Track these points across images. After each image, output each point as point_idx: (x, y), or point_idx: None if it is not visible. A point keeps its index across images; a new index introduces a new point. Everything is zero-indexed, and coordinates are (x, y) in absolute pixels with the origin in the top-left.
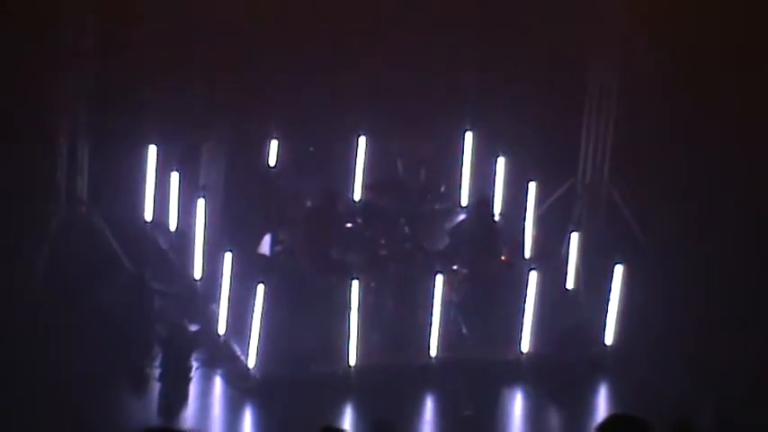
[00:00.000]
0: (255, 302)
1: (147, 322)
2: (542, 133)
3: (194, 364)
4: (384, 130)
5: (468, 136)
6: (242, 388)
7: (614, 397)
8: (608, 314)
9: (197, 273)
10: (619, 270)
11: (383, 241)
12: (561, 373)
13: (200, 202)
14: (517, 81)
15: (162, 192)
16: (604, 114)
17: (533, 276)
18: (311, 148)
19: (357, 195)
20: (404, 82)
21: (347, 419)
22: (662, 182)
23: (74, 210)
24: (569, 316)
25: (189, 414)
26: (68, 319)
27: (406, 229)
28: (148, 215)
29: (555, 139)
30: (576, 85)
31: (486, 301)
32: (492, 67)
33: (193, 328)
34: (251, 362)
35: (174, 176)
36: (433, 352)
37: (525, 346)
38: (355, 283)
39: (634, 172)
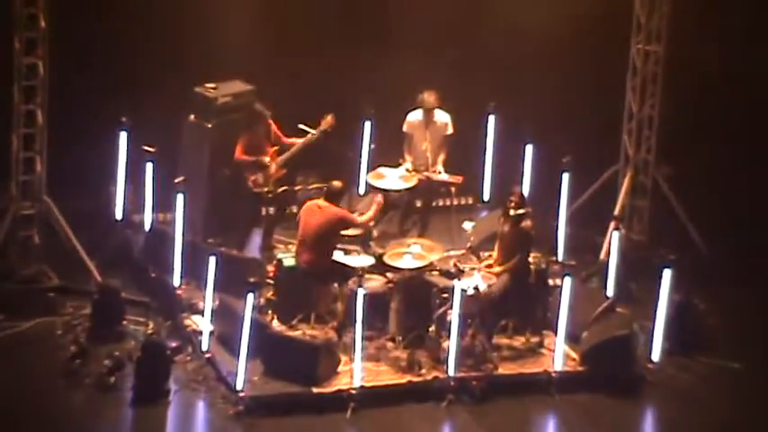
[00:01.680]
0: (245, 313)
1: (118, 337)
2: (578, 115)
3: (173, 387)
4: (392, 116)
5: (492, 119)
6: (229, 414)
7: (661, 422)
8: (655, 325)
9: (176, 279)
10: (668, 274)
11: (392, 241)
12: (600, 395)
13: (180, 198)
14: (547, 56)
15: (134, 185)
16: (650, 92)
17: (568, 282)
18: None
19: (362, 187)
20: (417, 60)
21: None
22: (719, 170)
23: (31, 206)
24: (610, 328)
25: None
26: (24, 333)
27: (420, 226)
28: (119, 212)
29: (593, 121)
30: (618, 59)
31: (512, 311)
32: (518, 40)
33: (172, 344)
34: (239, 383)
35: (149, 167)
36: (452, 370)
37: (558, 363)
38: (361, 291)
39: (686, 159)
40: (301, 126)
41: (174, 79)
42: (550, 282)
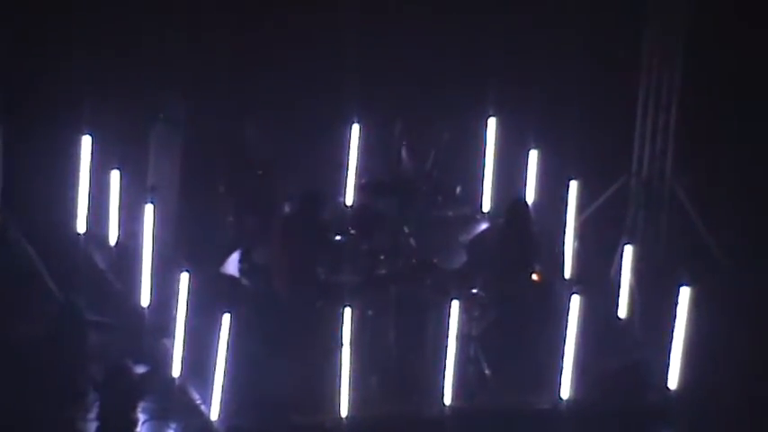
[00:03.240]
0: (219, 337)
1: (81, 363)
2: (586, 117)
3: (141, 417)
4: (383, 116)
5: (492, 122)
6: None
7: None
8: (671, 350)
9: (144, 299)
10: (685, 293)
11: (383, 257)
12: (611, 426)
13: (149, 209)
14: (553, 53)
15: (98, 195)
16: (666, 92)
17: (576, 302)
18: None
19: (349, 198)
20: (410, 55)
21: None
22: (741, 179)
23: None
24: (622, 352)
25: None
26: None
27: (412, 241)
28: (81, 225)
29: (602, 124)
30: (630, 56)
31: (514, 335)
32: (522, 35)
33: (140, 369)
34: (214, 412)
35: (115, 175)
36: (447, 400)
37: (566, 391)
38: (347, 312)
39: (705, 166)
40: None
41: (147, 81)
42: (556, 301)
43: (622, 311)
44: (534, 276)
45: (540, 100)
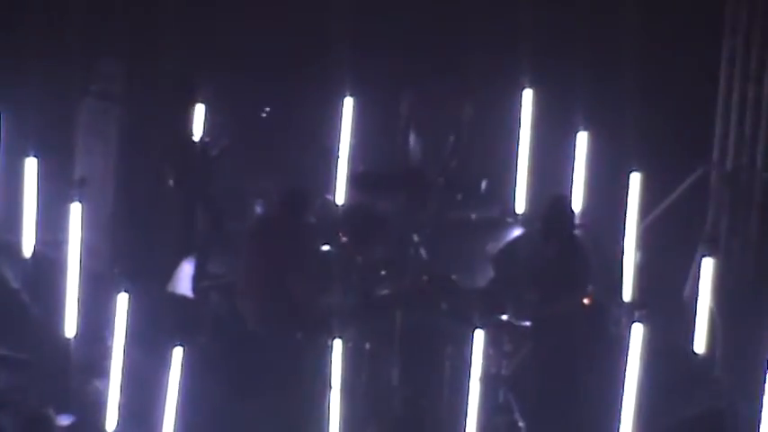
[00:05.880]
0: (169, 377)
1: None
2: (652, 94)
3: None
4: (385, 88)
5: (528, 96)
6: None
7: None
8: (763, 395)
9: (69, 328)
10: None
11: (384, 272)
12: None
13: (75, 208)
14: (609, 5)
15: (10, 191)
16: (756, 63)
17: (638, 332)
18: (266, 109)
19: (340, 195)
20: (422, 6)
21: None
22: None
23: None
24: (699, 398)
25: None
26: None
27: (423, 251)
28: None
29: (674, 102)
30: (707, 16)
31: (556, 375)
32: None
33: (64, 420)
34: None
35: (31, 164)
36: None
37: None
38: (338, 345)
39: None
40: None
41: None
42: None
43: (699, 344)
44: (583, 298)
45: (592, 67)
